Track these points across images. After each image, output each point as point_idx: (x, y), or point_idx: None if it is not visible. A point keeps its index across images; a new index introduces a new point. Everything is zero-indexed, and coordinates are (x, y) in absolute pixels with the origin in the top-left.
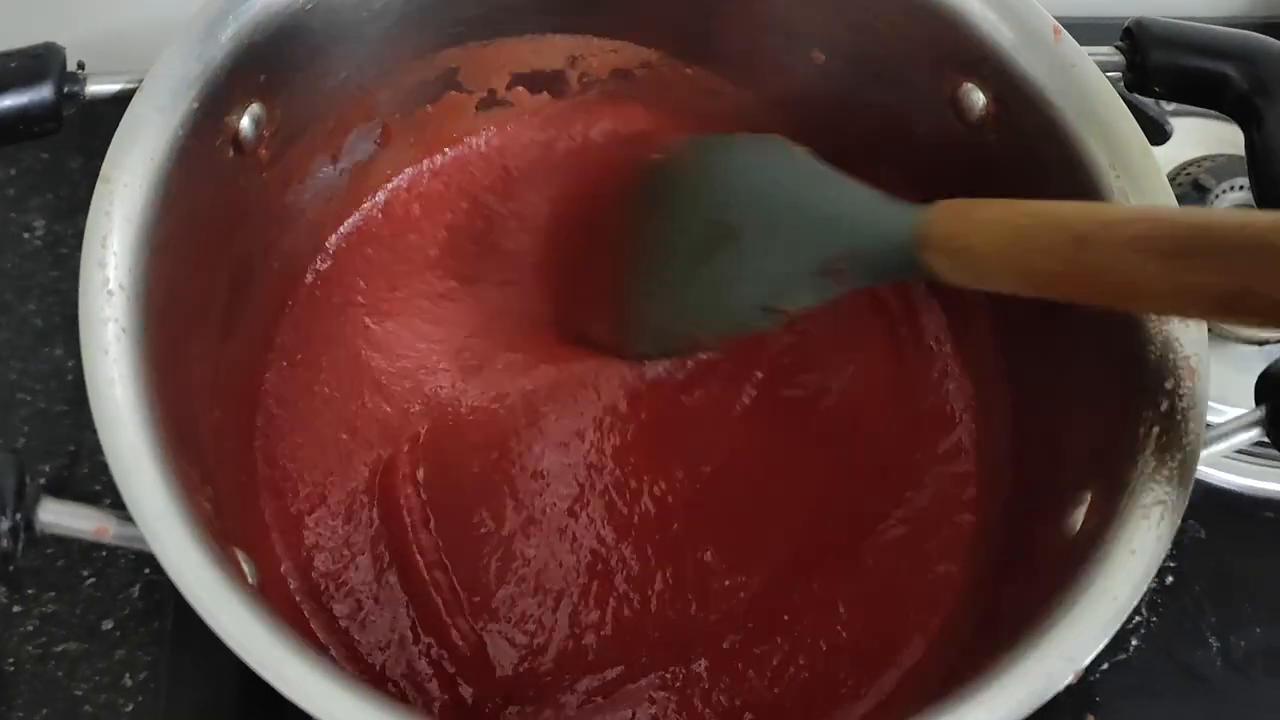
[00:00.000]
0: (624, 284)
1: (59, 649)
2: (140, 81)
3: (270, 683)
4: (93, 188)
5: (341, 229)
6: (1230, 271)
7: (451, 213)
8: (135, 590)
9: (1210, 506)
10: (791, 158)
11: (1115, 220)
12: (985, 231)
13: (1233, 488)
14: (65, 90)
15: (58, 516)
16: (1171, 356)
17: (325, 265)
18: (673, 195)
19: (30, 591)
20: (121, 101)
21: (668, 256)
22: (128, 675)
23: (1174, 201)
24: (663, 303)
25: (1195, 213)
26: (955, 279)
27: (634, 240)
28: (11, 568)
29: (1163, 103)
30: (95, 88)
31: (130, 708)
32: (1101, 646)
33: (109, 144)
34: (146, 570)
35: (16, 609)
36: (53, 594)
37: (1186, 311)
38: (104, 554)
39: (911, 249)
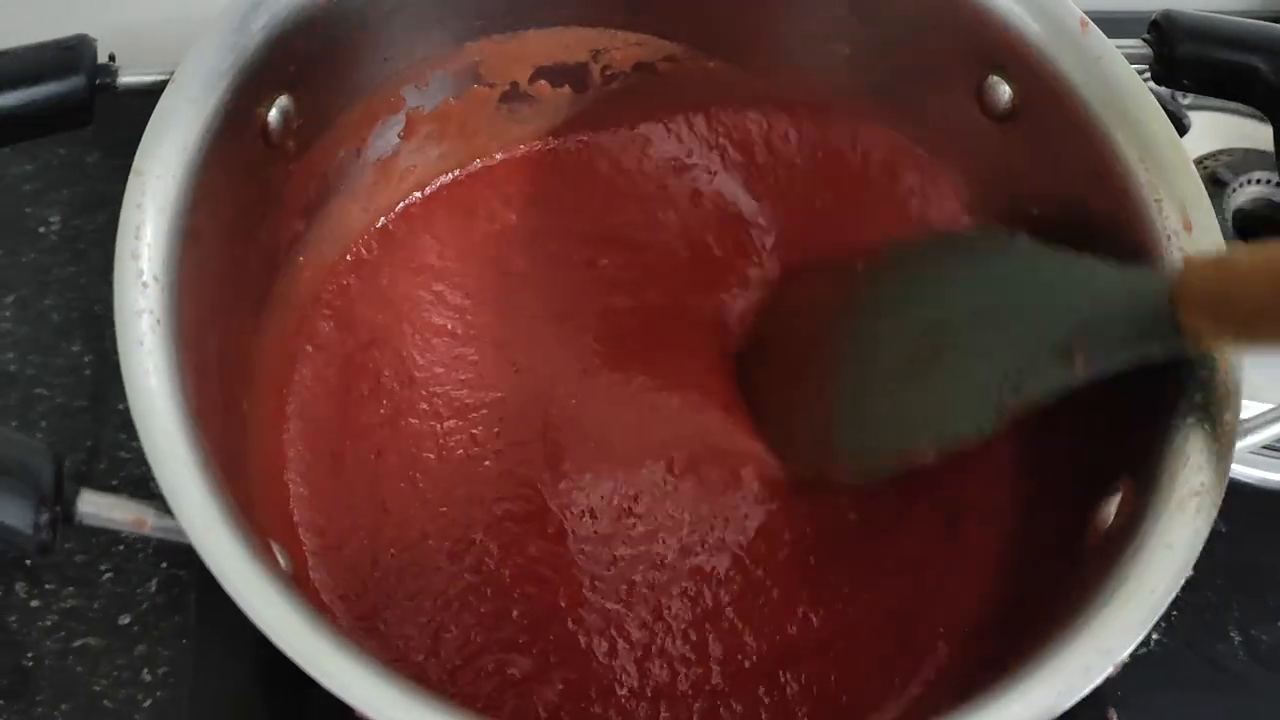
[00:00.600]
0: (827, 401)
1: (78, 644)
2: (171, 74)
3: (312, 675)
4: (111, 183)
5: (367, 222)
6: None
7: (477, 212)
8: (154, 585)
9: (1232, 500)
10: (1013, 245)
11: None
12: (1255, 281)
13: (1255, 481)
14: (97, 82)
15: (96, 508)
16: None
17: (352, 258)
18: (886, 302)
19: (50, 586)
20: (151, 94)
21: (884, 367)
22: (147, 670)
23: (1204, 194)
24: (879, 417)
25: None
26: (1221, 339)
27: (838, 354)
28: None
29: (1180, 97)
30: (127, 79)
31: (149, 703)
32: (1139, 640)
33: (127, 139)
34: (165, 565)
35: (36, 604)
36: (72, 589)
37: None
38: (122, 549)
39: (1166, 313)
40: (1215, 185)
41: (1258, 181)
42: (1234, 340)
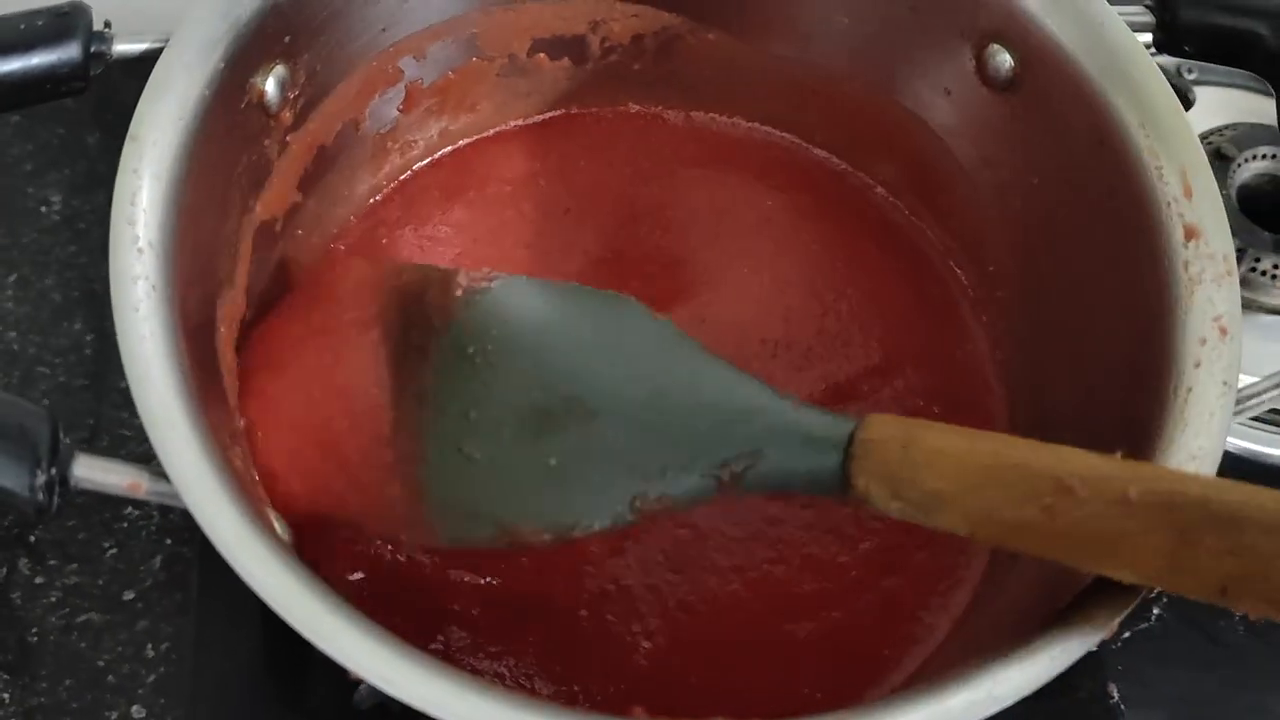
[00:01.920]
0: (419, 442)
1: (81, 620)
2: (166, 41)
3: (305, 636)
4: (110, 163)
5: (366, 194)
6: (1243, 553)
7: (477, 185)
8: (157, 561)
9: (1233, 475)
10: (661, 330)
11: (1107, 476)
12: (939, 465)
13: (1254, 456)
14: (92, 49)
15: (91, 471)
16: (1203, 315)
17: (350, 231)
18: (504, 347)
19: (53, 563)
20: (144, 64)
21: (489, 424)
22: (150, 646)
23: (1204, 161)
24: (475, 480)
25: (1210, 482)
26: (892, 511)
27: (436, 392)
28: (48, 521)
29: (1186, 72)
30: (122, 46)
31: (153, 678)
32: (1132, 607)
33: (127, 117)
34: (168, 541)
35: (39, 580)
36: (75, 565)
37: (1175, 587)
38: (125, 525)
39: (838, 470)
40: (1220, 160)
41: (1263, 157)
42: (912, 518)
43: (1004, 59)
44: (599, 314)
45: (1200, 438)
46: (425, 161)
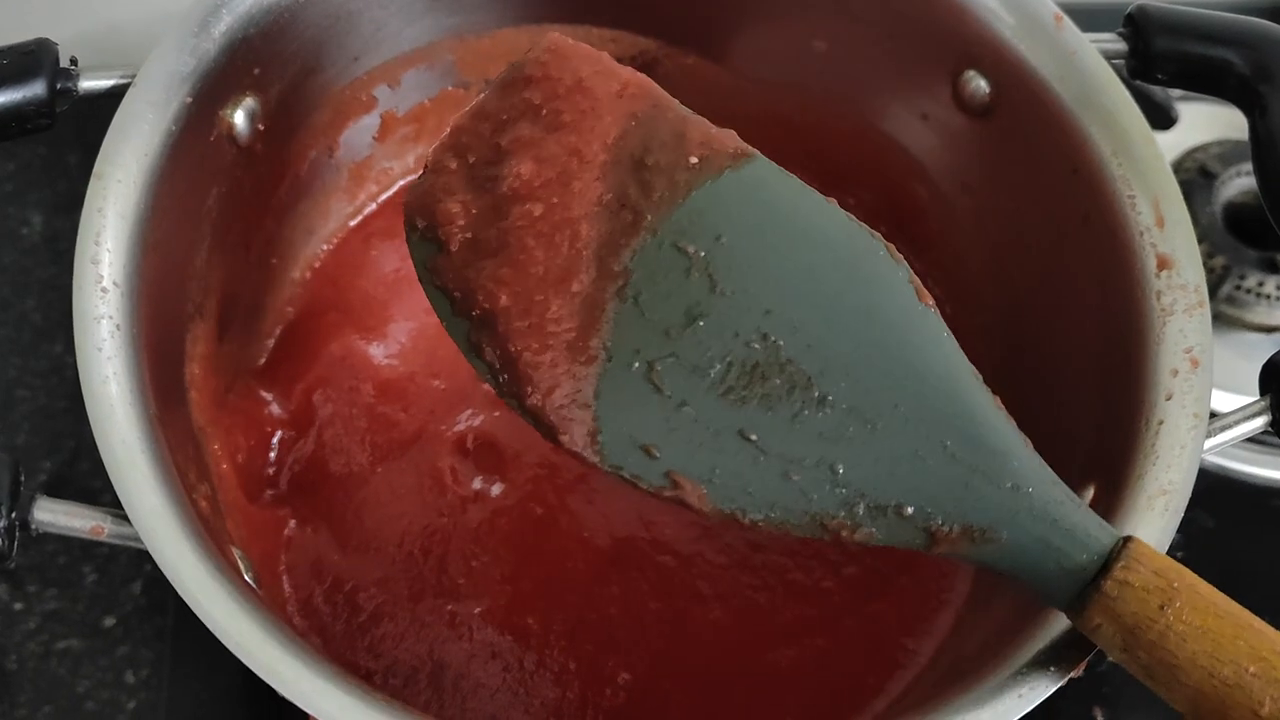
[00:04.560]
0: (607, 333)
1: (61, 646)
2: (133, 77)
3: (264, 679)
4: None
5: (340, 225)
6: None
7: None
8: (137, 587)
9: (1218, 496)
10: (924, 316)
11: None
12: (1194, 645)
13: (1241, 477)
14: (59, 86)
15: (53, 516)
16: (1175, 346)
17: (324, 263)
18: (733, 261)
19: (32, 589)
20: (116, 97)
21: (691, 355)
22: (130, 672)
23: (1177, 190)
24: (658, 413)
25: None
26: (1111, 655)
27: (638, 286)
28: (12, 566)
29: (1170, 89)
30: (88, 83)
31: (133, 704)
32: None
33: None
34: (148, 567)
35: (18, 606)
36: (54, 591)
37: None
38: (105, 551)
39: (1078, 592)
40: (1204, 177)
41: (1247, 173)
42: (1135, 673)
43: (979, 85)
44: (855, 259)
45: (1171, 471)
46: (399, 184)
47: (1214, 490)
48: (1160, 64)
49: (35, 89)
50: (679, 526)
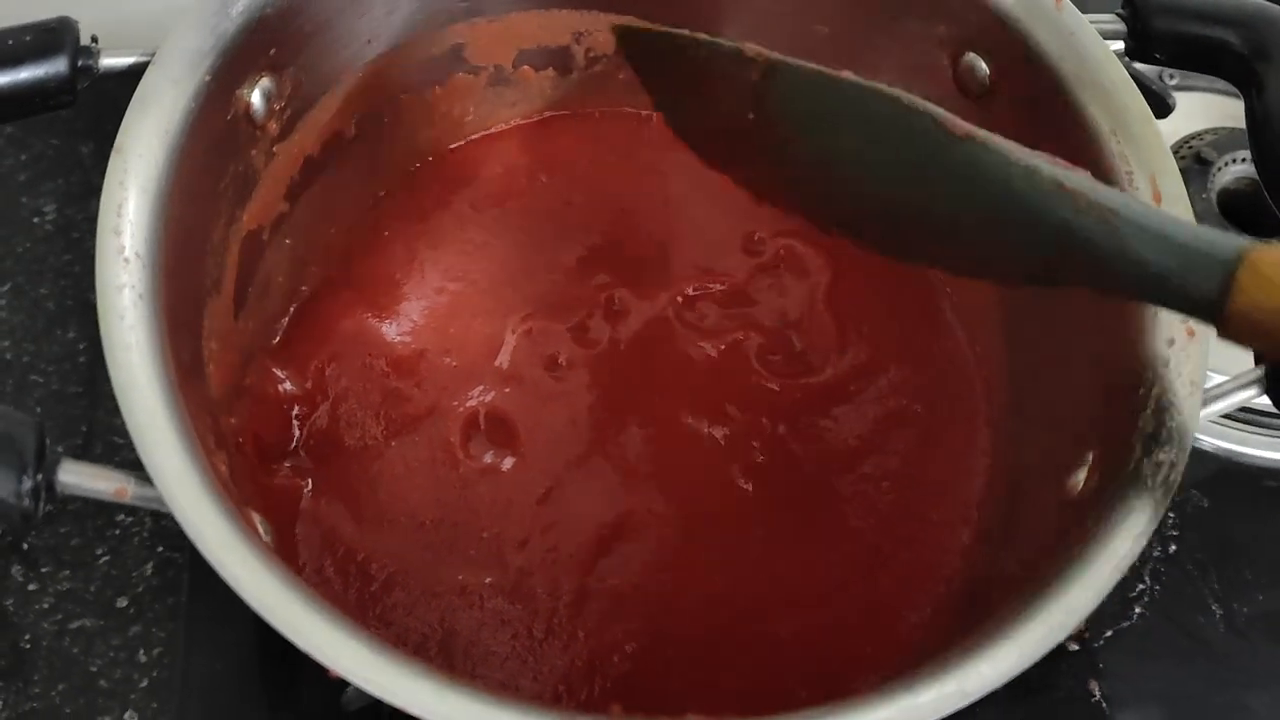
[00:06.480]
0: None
1: (75, 625)
2: (152, 56)
3: (285, 635)
4: (104, 173)
5: (354, 205)
6: None
7: (473, 183)
8: (150, 567)
9: (1213, 475)
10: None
11: None
12: None
13: (1235, 456)
14: (79, 63)
15: (78, 478)
16: (1171, 317)
17: (337, 242)
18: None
19: (46, 569)
20: (134, 76)
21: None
22: (143, 651)
23: (1174, 166)
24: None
25: None
26: (1261, 343)
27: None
28: (36, 529)
29: (1165, 76)
30: (109, 61)
31: (145, 683)
32: (1101, 600)
33: (119, 128)
34: (160, 548)
35: (33, 587)
36: (68, 572)
37: None
38: (118, 532)
39: (1219, 283)
40: (1200, 164)
41: (1243, 160)
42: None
43: (980, 67)
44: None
45: (1168, 439)
46: (417, 165)
47: (1208, 470)
48: (1158, 44)
49: (58, 65)
50: (681, 501)
